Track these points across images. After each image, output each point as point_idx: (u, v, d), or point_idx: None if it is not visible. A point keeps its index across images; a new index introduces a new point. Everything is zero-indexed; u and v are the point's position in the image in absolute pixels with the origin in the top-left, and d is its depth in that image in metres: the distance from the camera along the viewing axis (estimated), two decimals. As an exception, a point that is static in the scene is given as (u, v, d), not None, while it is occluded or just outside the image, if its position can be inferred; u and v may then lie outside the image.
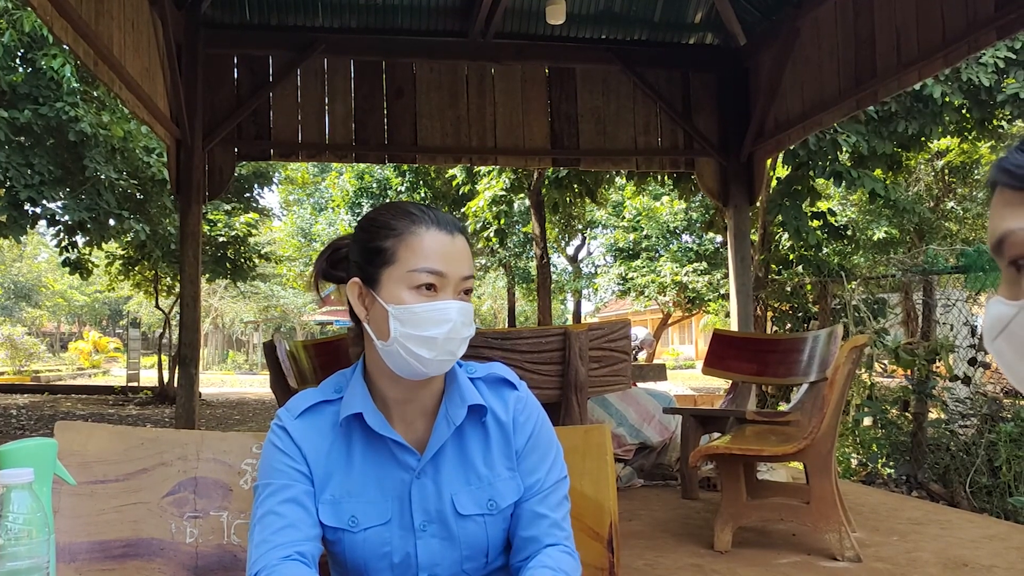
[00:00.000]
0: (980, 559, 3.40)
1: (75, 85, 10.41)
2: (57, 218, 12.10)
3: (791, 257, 10.00)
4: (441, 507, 1.24)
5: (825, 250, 10.33)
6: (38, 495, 1.07)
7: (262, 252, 18.37)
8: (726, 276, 8.68)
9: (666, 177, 10.96)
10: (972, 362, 6.43)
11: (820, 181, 9.89)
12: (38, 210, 11.67)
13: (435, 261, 1.20)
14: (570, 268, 25.28)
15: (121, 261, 15.90)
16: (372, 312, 1.24)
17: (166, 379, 15.65)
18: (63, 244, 12.55)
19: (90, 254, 13.62)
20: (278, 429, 1.27)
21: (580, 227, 21.47)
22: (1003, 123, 11.03)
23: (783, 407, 7.67)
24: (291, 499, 1.22)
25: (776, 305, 9.29)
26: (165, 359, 16.11)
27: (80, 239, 12.68)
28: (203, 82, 6.42)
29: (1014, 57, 9.35)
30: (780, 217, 9.53)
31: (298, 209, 31.76)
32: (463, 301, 1.22)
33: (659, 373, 6.74)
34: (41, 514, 1.05)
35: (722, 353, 5.17)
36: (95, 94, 11.23)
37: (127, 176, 12.24)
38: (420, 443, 1.26)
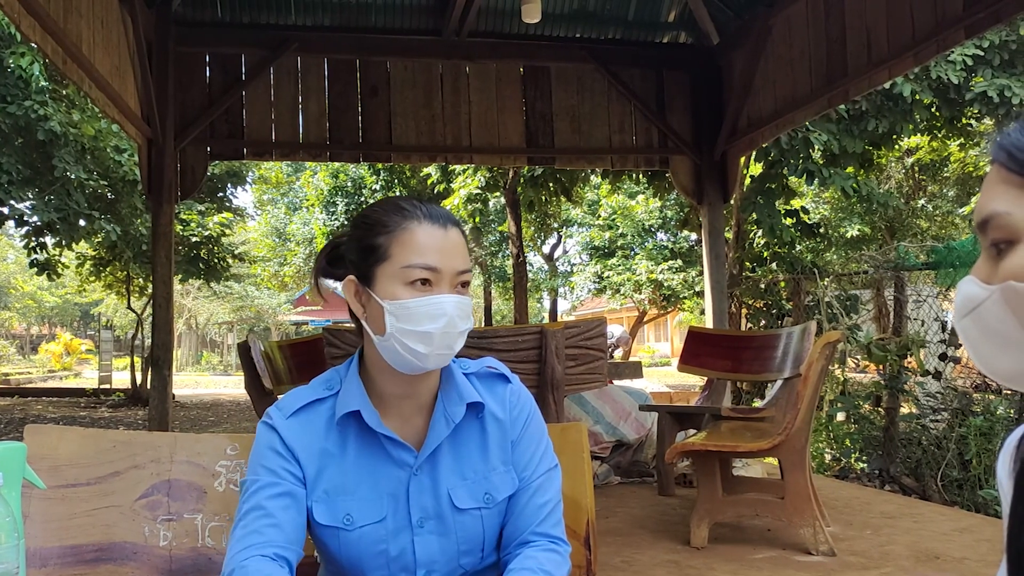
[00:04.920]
0: (951, 551, 3.45)
1: (44, 84, 10.26)
2: (25, 219, 11.93)
3: (765, 254, 10.08)
4: (438, 503, 1.24)
5: (798, 247, 10.42)
6: (7, 500, 1.06)
7: (236, 252, 18.23)
8: (701, 274, 8.74)
9: (641, 175, 11.00)
10: (943, 357, 6.51)
11: (793, 179, 9.98)
12: (6, 210, 11.50)
13: (428, 256, 1.20)
14: (546, 266, 25.33)
15: (92, 262, 15.71)
16: (369, 309, 1.24)
17: (139, 381, 15.49)
18: (32, 245, 12.38)
19: (60, 255, 13.44)
20: (269, 429, 1.25)
21: (556, 225, 21.51)
22: (972, 121, 11.19)
23: (758, 403, 7.73)
24: (280, 494, 1.21)
25: (750, 302, 9.37)
26: (138, 361, 15.94)
27: (49, 240, 12.50)
28: (174, 81, 6.35)
29: (982, 55, 9.49)
30: (754, 215, 9.60)
31: (272, 209, 31.52)
32: (459, 294, 1.22)
33: (635, 370, 6.79)
34: (10, 519, 1.04)
35: (697, 350, 5.20)
36: (64, 93, 11.08)
37: (97, 176, 12.09)
38: (416, 440, 1.26)
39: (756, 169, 10.13)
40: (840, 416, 6.95)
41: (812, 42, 5.89)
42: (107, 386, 18.48)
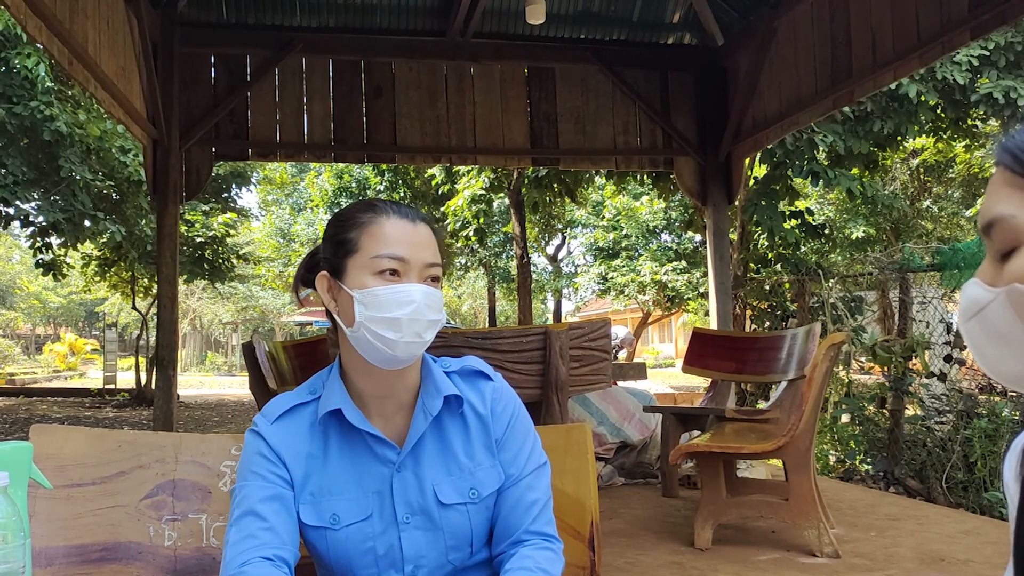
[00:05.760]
0: (956, 553, 3.44)
1: (49, 84, 10.29)
2: (31, 219, 11.96)
3: (769, 256, 10.06)
4: (423, 499, 1.25)
5: (803, 248, 10.40)
6: (13, 499, 1.06)
7: (240, 253, 18.27)
8: (705, 275, 8.73)
9: (645, 176, 10.99)
10: (948, 359, 6.50)
11: (798, 180, 9.96)
12: (11, 211, 11.53)
13: (396, 247, 1.22)
14: (550, 267, 25.31)
15: (97, 262, 15.74)
16: (340, 302, 1.26)
17: (143, 381, 15.51)
18: (37, 245, 12.41)
19: (65, 255, 13.48)
20: (255, 436, 1.27)
21: (560, 226, 21.49)
22: (977, 122, 11.16)
23: (762, 405, 7.72)
24: (271, 498, 1.22)
25: (755, 303, 9.35)
26: (142, 361, 15.96)
27: (55, 240, 12.54)
28: (179, 81, 6.37)
29: (988, 56, 9.46)
30: (755, 216, 9.58)
31: (276, 209, 31.56)
32: (429, 287, 1.24)
33: (639, 372, 6.77)
34: (16, 518, 1.04)
35: (702, 351, 5.19)
36: (70, 93, 11.11)
37: (103, 177, 12.12)
38: (399, 437, 1.27)
39: (761, 170, 10.11)
40: (844, 418, 6.93)
41: (817, 43, 5.88)
42: (112, 386, 18.51)
